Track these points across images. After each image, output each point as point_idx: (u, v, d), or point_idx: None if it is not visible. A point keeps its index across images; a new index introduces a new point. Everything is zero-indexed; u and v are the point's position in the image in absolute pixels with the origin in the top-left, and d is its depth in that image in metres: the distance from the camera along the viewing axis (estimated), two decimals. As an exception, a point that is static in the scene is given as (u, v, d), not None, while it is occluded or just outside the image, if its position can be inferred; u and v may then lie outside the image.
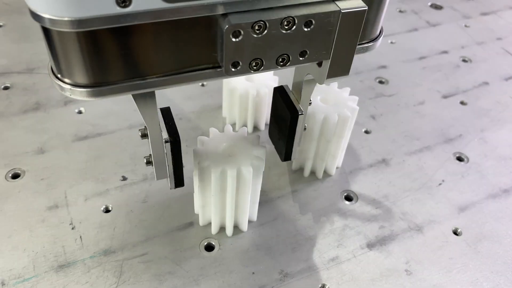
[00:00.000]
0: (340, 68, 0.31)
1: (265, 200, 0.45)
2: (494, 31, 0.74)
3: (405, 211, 0.46)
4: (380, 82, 0.62)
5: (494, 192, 0.48)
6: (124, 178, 0.46)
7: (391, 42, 0.69)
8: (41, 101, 0.54)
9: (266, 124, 0.53)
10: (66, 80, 0.26)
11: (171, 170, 0.35)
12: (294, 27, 0.27)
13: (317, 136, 0.44)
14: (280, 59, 0.28)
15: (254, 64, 0.28)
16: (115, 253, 0.40)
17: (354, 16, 0.27)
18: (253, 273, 0.40)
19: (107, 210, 0.44)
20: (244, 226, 0.42)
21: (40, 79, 0.57)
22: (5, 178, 0.45)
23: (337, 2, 0.27)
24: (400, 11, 0.77)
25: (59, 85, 0.27)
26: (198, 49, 0.27)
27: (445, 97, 0.60)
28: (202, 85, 0.47)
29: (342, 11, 0.27)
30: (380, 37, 0.33)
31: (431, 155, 0.52)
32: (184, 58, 0.27)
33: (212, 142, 0.39)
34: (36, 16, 0.23)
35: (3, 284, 0.38)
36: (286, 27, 0.27)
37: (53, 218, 0.42)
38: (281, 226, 0.43)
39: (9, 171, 0.46)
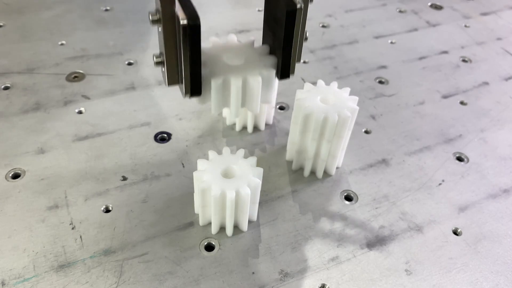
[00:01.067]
0: None
1: (265, 200, 0.45)
2: (494, 31, 0.74)
3: (405, 211, 0.46)
4: (380, 82, 0.62)
5: (494, 192, 0.48)
6: (124, 178, 0.46)
7: (391, 42, 0.69)
8: (41, 101, 0.55)
9: (266, 124, 0.53)
10: None
11: (187, 70, 0.27)
12: None
13: (317, 136, 0.44)
14: None
15: None
16: (115, 253, 0.40)
17: None
18: (253, 273, 0.40)
19: (107, 210, 0.44)
20: (244, 226, 0.42)
21: (40, 79, 0.58)
22: (5, 178, 0.46)
23: None
24: (400, 11, 0.77)
25: None
26: None
27: (445, 97, 0.60)
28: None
29: None
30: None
31: (431, 155, 0.52)
32: None
33: (211, 164, 0.39)
34: None
35: (3, 284, 0.38)
36: None
37: (53, 218, 0.42)
38: (281, 226, 0.43)
39: (9, 171, 0.46)
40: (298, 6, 0.29)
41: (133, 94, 0.56)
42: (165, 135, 0.51)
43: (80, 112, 0.54)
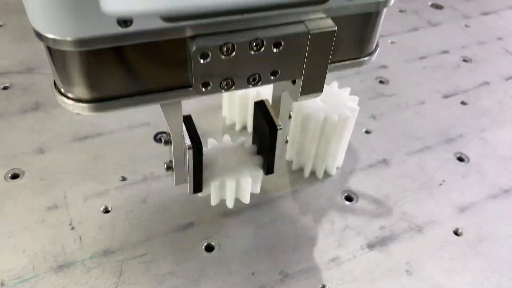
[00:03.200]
0: (313, 87, 0.31)
1: (265, 200, 0.45)
2: (494, 31, 0.74)
3: (405, 211, 0.45)
4: (381, 82, 0.62)
5: (494, 192, 0.48)
6: (124, 179, 0.46)
7: (392, 42, 0.69)
8: (41, 101, 0.54)
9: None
10: (69, 95, 0.27)
11: (191, 176, 0.36)
12: (263, 48, 0.27)
13: (318, 136, 0.44)
14: (252, 79, 0.28)
15: (225, 83, 0.28)
16: (114, 253, 0.40)
17: (324, 37, 0.27)
18: (253, 273, 0.40)
19: (106, 211, 0.43)
20: (246, 199, 0.41)
21: (40, 79, 0.57)
22: (5, 178, 0.45)
23: (306, 23, 0.27)
24: (401, 11, 0.77)
25: (62, 100, 0.27)
26: (175, 69, 0.27)
27: (445, 97, 0.60)
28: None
29: (311, 32, 0.27)
30: (376, 51, 0.33)
31: (432, 155, 0.52)
32: (164, 78, 0.28)
33: (211, 152, 0.40)
34: (40, 36, 0.23)
35: (2, 284, 0.38)
36: (255, 48, 0.26)
37: (52, 219, 0.42)
38: (281, 226, 0.43)
39: (8, 171, 0.46)
40: (279, 128, 0.36)
41: (133, 94, 0.56)
42: (165, 135, 0.51)
43: (79, 112, 0.53)
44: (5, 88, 0.56)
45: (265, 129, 0.37)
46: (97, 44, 0.23)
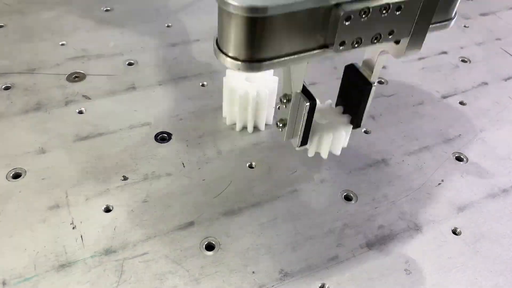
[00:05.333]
0: (415, 44, 0.38)
1: (265, 200, 0.46)
2: (493, 32, 0.75)
3: (404, 210, 0.46)
4: (380, 82, 0.62)
5: (493, 192, 0.48)
6: (125, 178, 0.47)
7: (391, 43, 0.69)
8: (42, 101, 0.55)
9: (266, 124, 0.53)
10: (231, 55, 0.33)
11: (302, 130, 0.42)
12: (389, 11, 0.33)
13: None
14: (374, 38, 0.35)
15: (355, 42, 0.34)
16: (115, 252, 0.40)
17: (431, 2, 0.35)
18: (253, 272, 0.40)
19: (108, 210, 0.44)
20: (338, 151, 0.46)
21: (41, 79, 0.58)
22: (6, 178, 0.46)
23: None
24: (400, 12, 0.77)
25: (227, 61, 0.33)
26: (317, 32, 0.33)
27: (444, 97, 0.60)
28: (203, 85, 0.48)
29: None
30: (455, 18, 0.39)
31: (430, 155, 0.52)
32: (311, 39, 0.34)
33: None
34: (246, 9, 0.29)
35: (4, 283, 0.38)
36: (384, 12, 0.33)
37: (54, 218, 0.43)
38: (281, 226, 0.44)
39: (10, 171, 0.46)
40: (374, 85, 0.42)
41: (133, 94, 0.57)
42: (166, 135, 0.52)
43: (80, 112, 0.54)
44: (6, 88, 0.56)
45: (358, 88, 0.43)
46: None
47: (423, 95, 0.60)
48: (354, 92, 0.44)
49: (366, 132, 0.54)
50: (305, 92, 0.40)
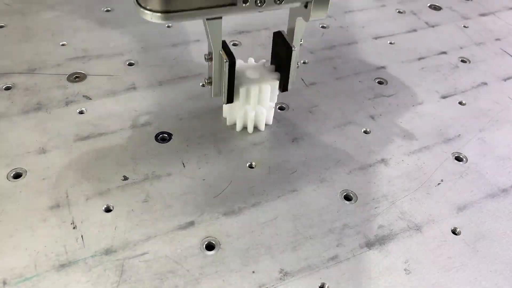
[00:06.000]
0: (321, 8, 0.42)
1: (265, 200, 0.46)
2: (492, 32, 0.75)
3: (404, 210, 0.46)
4: (379, 82, 0.62)
5: (492, 191, 0.49)
6: (125, 178, 0.47)
7: (390, 43, 0.70)
8: (43, 101, 0.55)
9: (266, 125, 0.53)
10: (148, 7, 0.38)
11: (226, 87, 0.46)
12: None
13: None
14: None
15: (258, 1, 0.39)
16: (116, 252, 0.40)
17: None
18: (253, 272, 0.40)
19: (108, 210, 0.44)
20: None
21: (42, 80, 0.58)
22: (7, 178, 0.46)
23: None
24: (399, 12, 0.78)
25: (143, 12, 0.39)
26: None
27: (444, 97, 0.61)
28: (203, 85, 0.48)
29: None
30: None
31: (430, 155, 0.52)
32: None
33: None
34: None
35: (4, 283, 0.38)
36: None
37: (54, 218, 0.43)
38: (281, 226, 0.44)
39: (10, 171, 0.46)
40: (294, 49, 0.47)
41: (134, 94, 0.57)
42: (166, 135, 0.52)
43: (81, 112, 0.54)
44: (7, 88, 0.56)
45: (282, 52, 0.47)
46: None
47: (423, 95, 0.60)
48: (281, 56, 0.48)
49: (365, 132, 0.54)
50: (226, 50, 0.44)
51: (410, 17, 0.76)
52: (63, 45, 0.64)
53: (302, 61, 0.64)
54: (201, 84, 0.46)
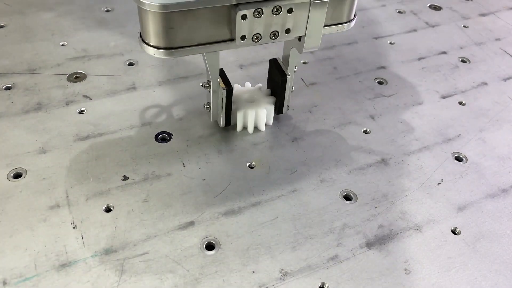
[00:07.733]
0: (313, 41, 0.44)
1: (265, 200, 0.46)
2: (492, 32, 0.75)
3: (404, 210, 0.46)
4: (379, 82, 0.62)
5: (492, 191, 0.49)
6: (125, 178, 0.47)
7: (390, 43, 0.70)
8: (43, 101, 0.55)
9: (266, 125, 0.53)
10: (151, 44, 0.40)
11: (224, 112, 0.49)
12: (281, 12, 0.40)
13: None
14: (272, 34, 0.42)
15: (255, 37, 0.41)
16: (116, 252, 0.40)
17: (320, 5, 0.41)
18: (253, 272, 0.40)
19: (108, 210, 0.44)
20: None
21: (42, 80, 0.58)
22: (7, 178, 0.46)
23: None
24: (399, 12, 0.78)
25: (147, 49, 0.41)
26: (222, 27, 0.41)
27: (444, 97, 0.61)
28: (202, 85, 0.48)
29: (312, 2, 0.40)
30: (353, 20, 0.45)
31: (430, 155, 0.52)
32: (217, 33, 0.41)
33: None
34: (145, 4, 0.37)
35: (5, 283, 0.38)
36: (276, 13, 0.40)
37: (54, 218, 0.43)
38: (281, 225, 0.44)
39: (10, 170, 0.46)
40: (288, 76, 0.50)
41: (134, 94, 0.57)
42: (166, 135, 0.52)
43: (81, 112, 0.54)
44: (7, 88, 0.56)
45: (278, 78, 0.50)
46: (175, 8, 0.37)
47: (423, 95, 0.60)
48: (276, 82, 0.51)
49: (365, 132, 0.54)
50: (224, 79, 0.47)
51: (410, 17, 0.76)
52: (63, 45, 0.64)
53: (302, 61, 0.64)
54: (201, 84, 0.47)
